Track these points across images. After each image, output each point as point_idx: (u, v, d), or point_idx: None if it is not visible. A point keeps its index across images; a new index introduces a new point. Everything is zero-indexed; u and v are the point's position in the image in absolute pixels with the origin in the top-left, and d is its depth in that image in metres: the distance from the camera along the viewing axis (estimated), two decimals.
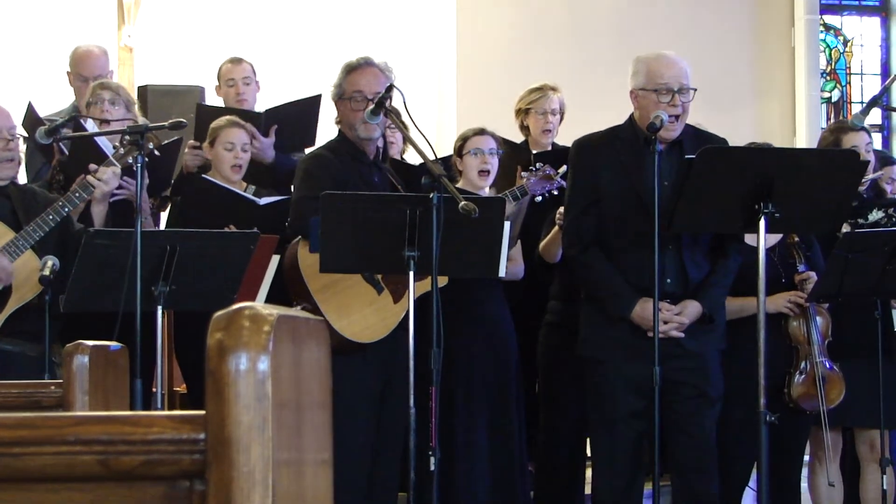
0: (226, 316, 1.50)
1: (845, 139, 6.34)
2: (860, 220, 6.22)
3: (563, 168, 6.13)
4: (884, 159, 6.94)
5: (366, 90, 5.74)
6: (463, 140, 6.43)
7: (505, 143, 6.60)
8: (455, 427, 6.00)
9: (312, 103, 7.07)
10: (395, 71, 5.91)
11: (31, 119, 6.68)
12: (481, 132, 6.41)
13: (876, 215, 6.23)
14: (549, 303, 6.50)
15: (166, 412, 2.43)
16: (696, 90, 5.53)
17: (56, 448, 1.52)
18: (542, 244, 6.37)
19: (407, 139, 5.84)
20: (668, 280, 5.43)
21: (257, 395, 1.49)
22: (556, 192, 6.21)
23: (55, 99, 7.73)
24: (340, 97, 5.85)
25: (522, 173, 6.25)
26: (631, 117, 5.65)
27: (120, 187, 5.88)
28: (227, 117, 6.56)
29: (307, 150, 6.70)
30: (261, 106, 7.46)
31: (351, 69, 5.86)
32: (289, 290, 5.69)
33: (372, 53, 6.07)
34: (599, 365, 5.55)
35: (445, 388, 5.62)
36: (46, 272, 5.33)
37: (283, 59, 10.52)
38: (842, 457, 6.42)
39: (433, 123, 10.77)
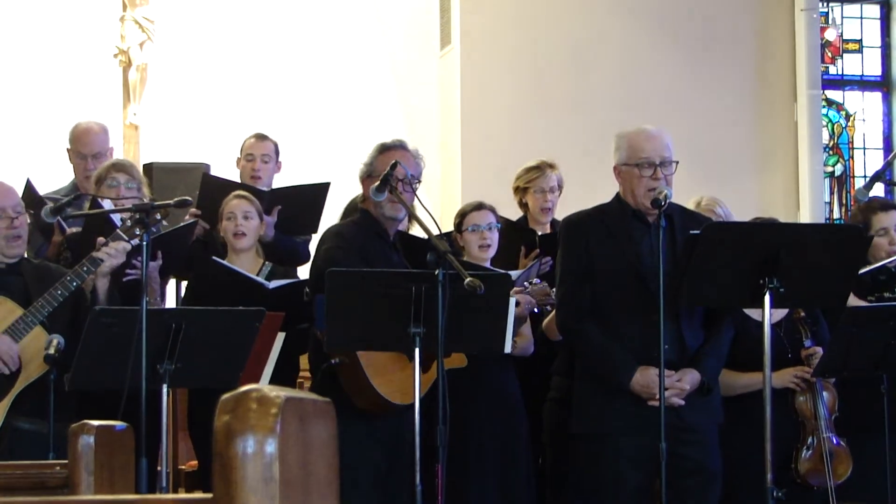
0: (233, 398, 1.51)
1: (875, 219, 6.38)
2: (886, 294, 6.24)
3: None
4: None
5: (398, 171, 5.70)
6: (461, 216, 6.45)
7: (505, 222, 6.59)
8: (468, 500, 5.96)
9: (320, 190, 7.07)
10: (423, 159, 5.93)
11: (30, 197, 6.69)
12: (479, 207, 6.42)
13: None
14: (553, 379, 6.48)
15: (173, 496, 2.43)
16: (677, 162, 5.54)
17: None
18: (545, 322, 6.36)
19: (412, 216, 5.87)
20: (666, 347, 5.42)
21: (264, 477, 1.49)
22: (549, 308, 6.21)
23: (58, 176, 7.75)
24: (370, 175, 5.84)
25: (525, 282, 6.23)
26: (617, 194, 5.66)
27: (133, 267, 5.89)
28: (233, 192, 6.60)
29: (313, 237, 6.70)
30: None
31: (385, 149, 5.87)
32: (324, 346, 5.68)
33: (376, 128, 6.09)
34: (599, 439, 5.52)
35: (457, 462, 5.60)
36: (51, 351, 5.33)
37: (289, 136, 10.58)
38: None
39: (437, 197, 10.81)
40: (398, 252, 5.89)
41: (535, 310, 6.20)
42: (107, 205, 6.16)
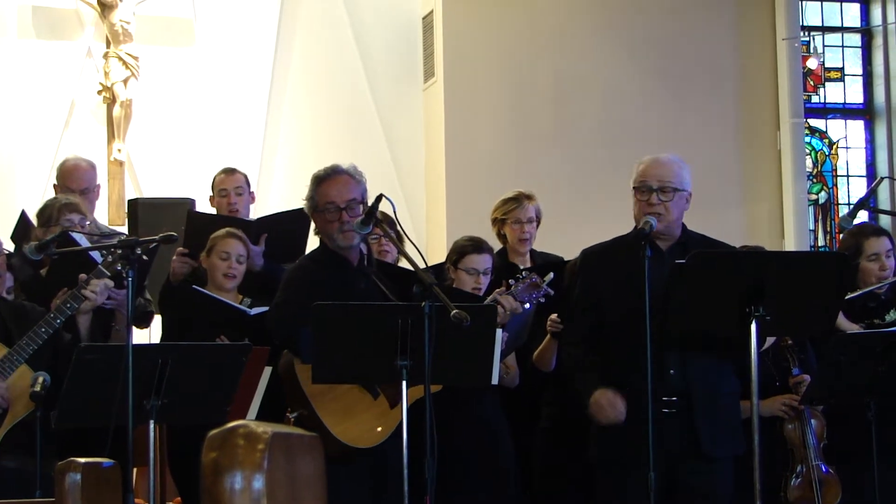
0: (220, 435, 1.50)
1: (867, 244, 6.38)
2: (877, 321, 6.25)
3: (550, 275, 6.08)
4: None
5: (337, 200, 5.67)
6: (459, 255, 6.31)
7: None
8: None
9: (303, 216, 7.05)
10: (365, 174, 5.82)
11: (25, 228, 6.68)
12: (479, 249, 6.30)
13: (894, 315, 6.27)
14: (543, 409, 6.46)
15: None
16: (679, 190, 5.53)
17: None
18: (535, 353, 6.34)
19: (397, 248, 5.84)
20: (672, 371, 5.38)
21: None
22: (542, 300, 6.14)
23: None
24: (315, 209, 5.78)
25: (510, 280, 6.18)
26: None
27: (108, 297, 5.86)
28: (227, 229, 6.54)
29: None
30: (253, 217, 7.47)
31: (320, 180, 5.77)
32: (285, 397, 5.65)
33: (360, 159, 6.02)
34: (616, 467, 5.47)
35: (443, 493, 5.56)
36: (38, 388, 5.32)
37: (273, 171, 10.59)
38: None
39: (422, 228, 10.80)
40: (367, 277, 5.82)
41: (528, 305, 6.08)
42: (79, 238, 6.11)
